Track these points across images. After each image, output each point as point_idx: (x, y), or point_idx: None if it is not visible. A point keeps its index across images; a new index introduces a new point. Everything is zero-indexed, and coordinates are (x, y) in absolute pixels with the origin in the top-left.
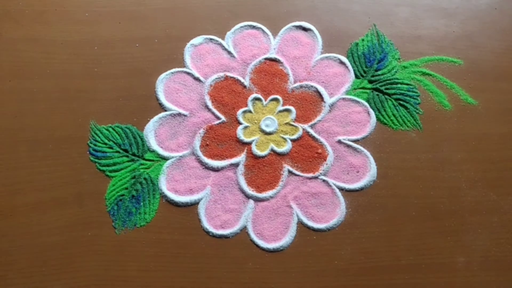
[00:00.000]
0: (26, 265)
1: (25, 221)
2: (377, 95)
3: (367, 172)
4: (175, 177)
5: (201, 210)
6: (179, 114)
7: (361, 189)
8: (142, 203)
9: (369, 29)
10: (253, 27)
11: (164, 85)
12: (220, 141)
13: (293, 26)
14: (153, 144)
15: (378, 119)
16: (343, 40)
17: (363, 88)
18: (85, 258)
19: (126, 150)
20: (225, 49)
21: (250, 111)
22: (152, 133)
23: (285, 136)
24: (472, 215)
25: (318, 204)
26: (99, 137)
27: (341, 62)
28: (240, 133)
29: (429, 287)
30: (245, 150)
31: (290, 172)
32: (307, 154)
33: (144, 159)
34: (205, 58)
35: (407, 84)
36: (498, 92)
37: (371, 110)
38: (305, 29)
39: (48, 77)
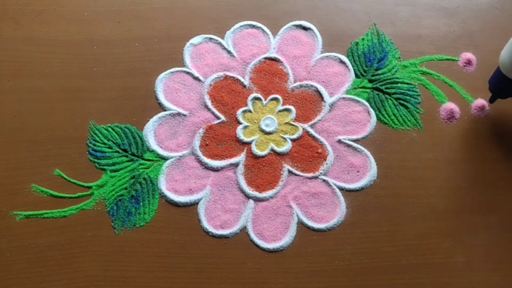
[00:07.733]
0: (26, 265)
1: (25, 221)
2: (377, 94)
3: (367, 172)
4: (175, 177)
5: (201, 210)
6: (179, 114)
7: (362, 189)
8: (141, 203)
9: (369, 28)
10: (253, 26)
11: (163, 85)
12: (220, 141)
13: (293, 25)
14: (152, 144)
15: (378, 118)
16: (343, 40)
17: (363, 87)
18: (85, 258)
19: (125, 150)
20: (225, 49)
21: (250, 111)
22: (151, 133)
23: (285, 136)
24: (472, 215)
25: (318, 204)
26: (98, 137)
27: (341, 62)
28: (240, 132)
29: (429, 287)
30: (245, 150)
31: (290, 172)
32: (307, 153)
33: (143, 159)
34: (204, 57)
35: (408, 84)
36: None
37: (371, 110)
38: (305, 28)
39: (48, 77)
